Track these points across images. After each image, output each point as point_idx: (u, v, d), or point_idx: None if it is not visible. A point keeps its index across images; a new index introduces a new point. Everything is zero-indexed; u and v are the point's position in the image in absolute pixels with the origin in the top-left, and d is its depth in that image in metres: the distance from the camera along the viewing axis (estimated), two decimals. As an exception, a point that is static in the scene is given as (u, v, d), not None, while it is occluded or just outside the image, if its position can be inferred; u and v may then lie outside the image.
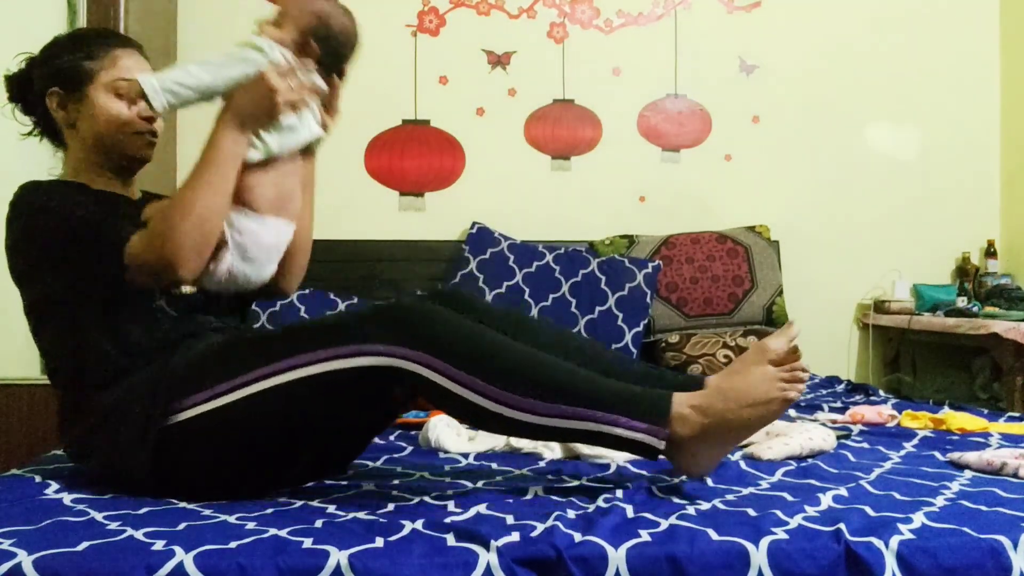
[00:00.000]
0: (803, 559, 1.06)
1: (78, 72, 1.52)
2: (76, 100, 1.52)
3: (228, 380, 1.31)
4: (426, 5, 3.28)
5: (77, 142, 1.54)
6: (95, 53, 1.53)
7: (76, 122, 1.53)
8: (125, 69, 1.53)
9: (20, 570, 0.99)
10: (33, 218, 1.42)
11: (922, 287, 3.37)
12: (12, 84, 1.60)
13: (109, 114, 1.51)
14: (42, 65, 1.55)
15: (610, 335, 2.92)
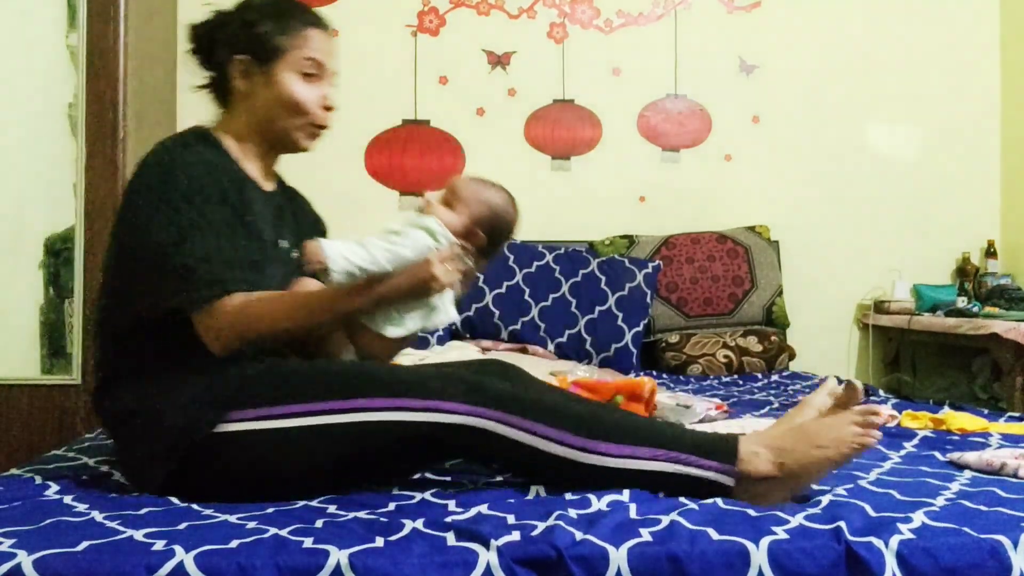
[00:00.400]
0: (804, 558, 1.06)
1: (270, 45, 1.46)
2: (261, 73, 1.47)
3: (286, 404, 1.29)
4: (426, 5, 3.28)
5: (246, 113, 1.49)
6: (290, 27, 1.48)
7: (253, 94, 1.48)
8: (316, 50, 1.49)
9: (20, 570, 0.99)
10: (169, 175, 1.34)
11: (922, 287, 3.37)
12: (197, 37, 1.52)
13: (292, 96, 1.47)
14: (233, 27, 1.49)
15: (610, 335, 2.92)
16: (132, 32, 2.63)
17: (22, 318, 2.65)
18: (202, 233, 1.31)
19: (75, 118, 2.59)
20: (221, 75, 1.51)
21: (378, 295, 1.37)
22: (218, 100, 1.54)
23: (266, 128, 1.49)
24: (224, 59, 1.48)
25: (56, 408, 2.57)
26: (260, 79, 1.47)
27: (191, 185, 1.33)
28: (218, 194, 1.36)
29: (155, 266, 1.32)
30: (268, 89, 1.47)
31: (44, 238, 2.64)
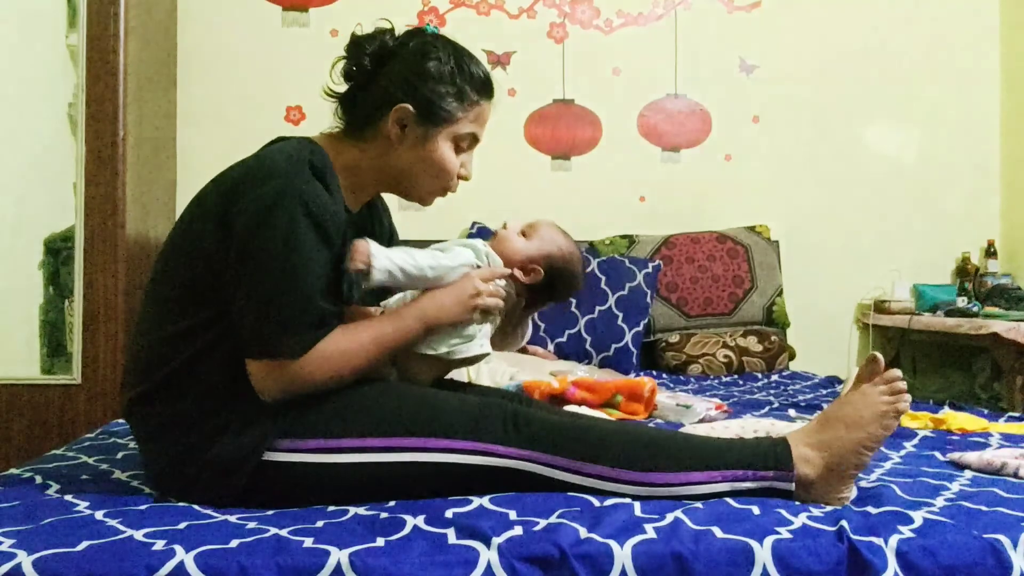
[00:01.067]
0: (807, 557, 1.06)
1: (444, 110, 1.39)
2: (420, 130, 1.39)
3: (336, 438, 1.26)
4: (426, 5, 3.28)
5: (382, 154, 1.41)
6: (467, 97, 1.40)
7: (400, 144, 1.39)
8: (481, 123, 1.44)
9: (20, 570, 0.98)
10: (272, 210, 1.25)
11: (922, 287, 3.37)
12: (362, 53, 1.41)
13: (442, 164, 1.41)
14: (410, 70, 1.38)
15: (610, 335, 2.92)
16: (132, 32, 2.63)
17: (22, 318, 2.65)
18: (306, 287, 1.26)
19: (75, 118, 2.59)
20: (370, 105, 1.40)
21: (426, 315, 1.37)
22: (350, 119, 1.43)
23: (397, 178, 1.43)
24: (384, 95, 1.38)
25: (56, 408, 2.57)
26: (415, 135, 1.39)
27: (301, 225, 1.25)
28: (326, 240, 1.29)
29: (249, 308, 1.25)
30: (419, 147, 1.40)
31: (44, 238, 2.64)
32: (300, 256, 1.25)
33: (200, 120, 3.15)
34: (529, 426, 1.28)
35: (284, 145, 1.36)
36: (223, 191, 1.31)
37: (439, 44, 1.41)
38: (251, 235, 1.25)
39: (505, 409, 1.31)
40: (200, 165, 2.89)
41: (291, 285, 1.25)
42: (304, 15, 3.21)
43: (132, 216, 2.63)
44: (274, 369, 1.26)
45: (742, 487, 1.25)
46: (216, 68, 3.17)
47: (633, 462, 1.25)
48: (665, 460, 1.25)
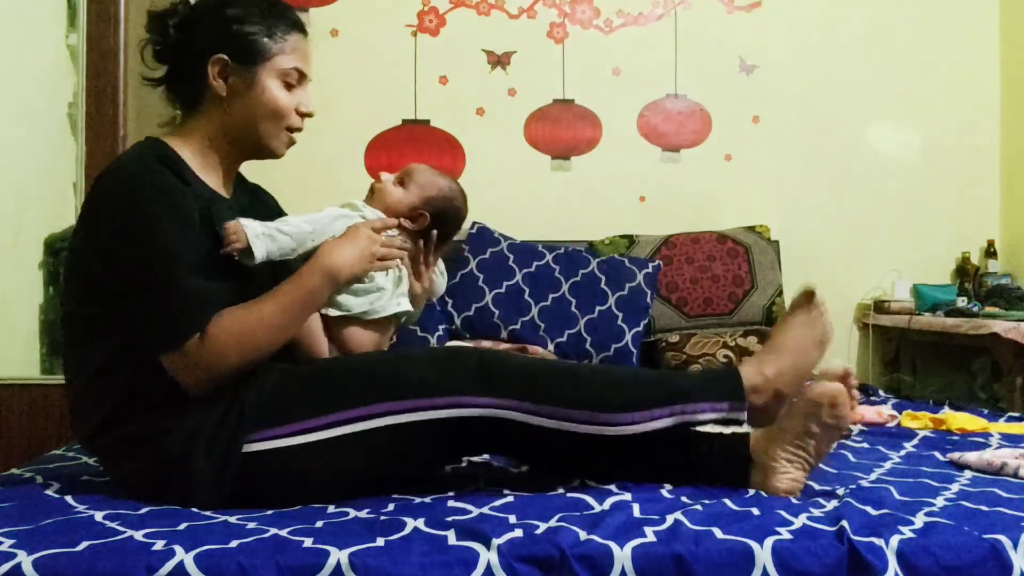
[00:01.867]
0: (807, 558, 1.06)
1: (255, 47, 1.39)
2: (242, 76, 1.39)
3: (307, 419, 1.27)
4: (426, 5, 3.28)
5: (219, 116, 1.41)
6: (277, 31, 1.41)
7: (230, 97, 1.39)
8: (300, 58, 1.44)
9: (20, 570, 0.99)
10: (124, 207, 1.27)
11: (922, 287, 3.37)
12: (162, 25, 1.42)
13: (275, 103, 1.40)
14: (214, 22, 1.40)
15: (610, 335, 2.92)
16: (132, 32, 2.63)
17: (22, 318, 2.65)
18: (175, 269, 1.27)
19: (75, 118, 2.59)
20: (189, 72, 1.41)
21: (319, 265, 1.37)
22: (180, 99, 1.45)
23: (241, 134, 1.42)
24: (198, 55, 1.39)
25: (56, 408, 2.57)
26: (239, 82, 1.39)
27: (160, 218, 1.27)
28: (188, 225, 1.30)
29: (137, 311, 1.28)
30: (247, 93, 1.40)
31: (44, 238, 2.64)
32: (163, 246, 1.27)
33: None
34: (499, 370, 1.30)
35: (125, 153, 1.39)
36: (83, 217, 1.34)
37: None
38: (113, 244, 1.28)
39: (476, 357, 1.32)
40: (200, 165, 2.88)
41: (162, 276, 1.26)
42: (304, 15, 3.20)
43: (132, 216, 2.63)
44: (182, 359, 1.26)
45: (698, 418, 1.33)
46: (216, 68, 3.17)
47: (603, 405, 1.30)
48: (631, 400, 1.31)
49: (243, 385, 1.31)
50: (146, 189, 1.28)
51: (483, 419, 1.28)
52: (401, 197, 1.53)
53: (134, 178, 1.30)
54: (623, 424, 1.29)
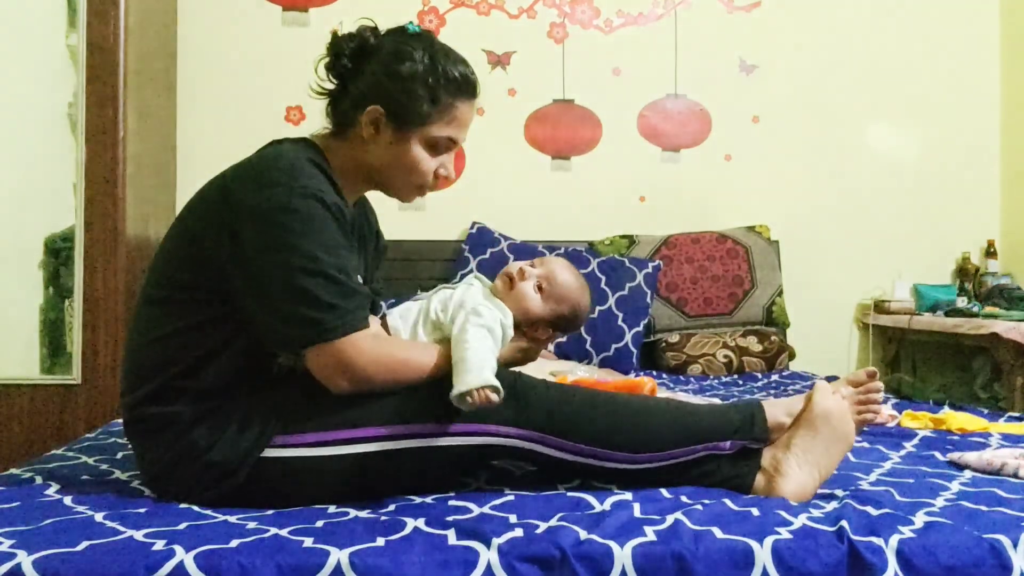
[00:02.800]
0: (807, 557, 1.06)
1: (416, 112, 1.37)
2: (392, 133, 1.38)
3: (336, 431, 1.27)
4: (426, 5, 3.28)
5: (360, 154, 1.40)
6: (442, 99, 1.38)
7: (375, 145, 1.39)
8: (458, 128, 1.41)
9: (20, 570, 0.99)
10: (283, 211, 1.24)
11: (922, 287, 3.37)
12: (339, 52, 1.40)
13: (414, 165, 1.40)
14: (383, 71, 1.37)
15: (610, 335, 2.92)
16: (132, 32, 2.63)
17: (22, 318, 2.65)
18: (338, 271, 1.26)
19: (75, 118, 2.59)
20: (348, 102, 1.40)
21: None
22: (335, 118, 1.44)
23: (374, 175, 1.43)
24: (358, 96, 1.38)
25: (56, 408, 2.57)
26: (388, 138, 1.38)
27: (321, 225, 1.26)
28: (342, 235, 1.30)
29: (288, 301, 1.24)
30: (392, 148, 1.39)
31: (44, 238, 2.64)
32: (323, 246, 1.25)
33: (200, 120, 3.15)
34: (528, 402, 1.30)
35: (282, 148, 1.36)
36: (224, 196, 1.31)
37: (416, 44, 1.39)
38: (271, 235, 1.25)
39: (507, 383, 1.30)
40: (200, 165, 2.88)
41: (323, 273, 1.24)
42: (304, 15, 3.21)
43: (132, 216, 2.63)
44: (332, 355, 1.25)
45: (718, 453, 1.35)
46: (216, 68, 3.17)
47: (627, 445, 1.31)
48: (655, 441, 1.32)
49: (276, 387, 1.31)
50: (303, 188, 1.27)
51: (511, 448, 1.30)
52: (536, 311, 1.49)
53: (292, 178, 1.27)
54: (643, 463, 1.32)
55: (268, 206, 1.25)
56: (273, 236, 1.25)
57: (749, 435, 1.36)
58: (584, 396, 1.36)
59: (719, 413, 1.38)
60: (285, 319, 1.25)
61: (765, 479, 1.34)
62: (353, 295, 1.27)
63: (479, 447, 1.29)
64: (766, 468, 1.35)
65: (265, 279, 1.25)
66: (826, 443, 1.35)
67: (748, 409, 1.39)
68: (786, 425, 1.39)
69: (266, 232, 1.25)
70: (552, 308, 1.51)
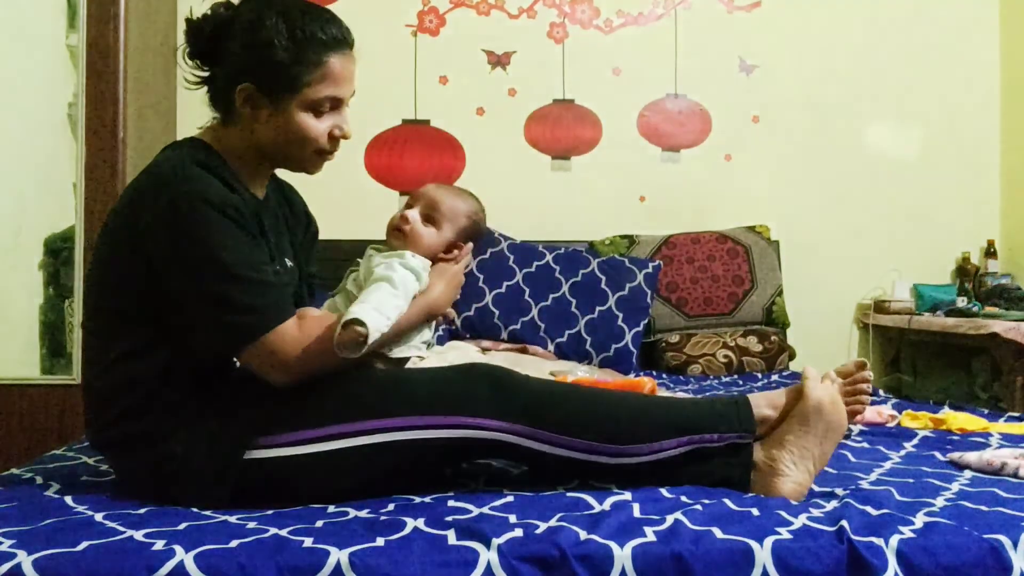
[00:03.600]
0: (807, 557, 1.06)
1: (285, 78, 1.32)
2: (269, 106, 1.34)
3: (314, 428, 1.26)
4: (426, 5, 3.28)
5: (249, 133, 1.37)
6: (308, 56, 1.32)
7: (257, 122, 1.35)
8: (336, 83, 1.36)
9: (20, 570, 0.99)
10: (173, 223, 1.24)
11: (922, 287, 3.37)
12: (196, 34, 1.36)
13: (302, 132, 1.35)
14: (242, 45, 1.32)
15: (610, 335, 2.92)
16: (132, 32, 2.63)
17: (22, 318, 2.65)
18: (247, 269, 1.26)
19: (75, 118, 2.59)
20: (220, 89, 1.37)
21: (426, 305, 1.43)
22: (215, 106, 1.40)
23: (270, 153, 1.39)
24: (226, 79, 1.35)
25: (56, 408, 2.57)
26: (266, 111, 1.34)
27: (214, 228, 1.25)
28: (238, 231, 1.28)
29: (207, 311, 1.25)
30: (275, 121, 1.35)
31: (44, 238, 2.64)
32: (222, 248, 1.25)
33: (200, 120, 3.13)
34: (514, 396, 1.29)
35: (169, 153, 1.37)
36: (123, 215, 1.32)
37: (269, 7, 1.34)
38: (171, 249, 1.26)
39: (491, 376, 1.31)
40: (200, 165, 2.88)
41: (228, 275, 1.25)
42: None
43: (132, 216, 2.63)
44: (261, 353, 1.26)
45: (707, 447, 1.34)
46: (216, 68, 3.16)
47: (612, 437, 1.30)
48: (641, 431, 1.31)
49: (252, 388, 1.30)
50: (191, 192, 1.26)
51: (491, 441, 1.28)
52: (437, 239, 1.51)
53: (178, 182, 1.27)
54: (629, 456, 1.30)
55: (159, 221, 1.26)
56: (172, 250, 1.26)
57: (735, 426, 1.35)
58: (566, 388, 1.37)
59: (704, 405, 1.39)
60: (206, 328, 1.27)
61: (761, 478, 1.34)
62: (266, 289, 1.27)
63: (461, 440, 1.27)
64: (761, 467, 1.34)
65: (177, 293, 1.27)
66: (820, 436, 1.34)
67: (731, 401, 1.40)
68: (770, 418, 1.38)
69: (164, 247, 1.26)
70: (451, 228, 1.52)
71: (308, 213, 1.64)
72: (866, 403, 1.46)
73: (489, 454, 1.36)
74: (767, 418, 1.38)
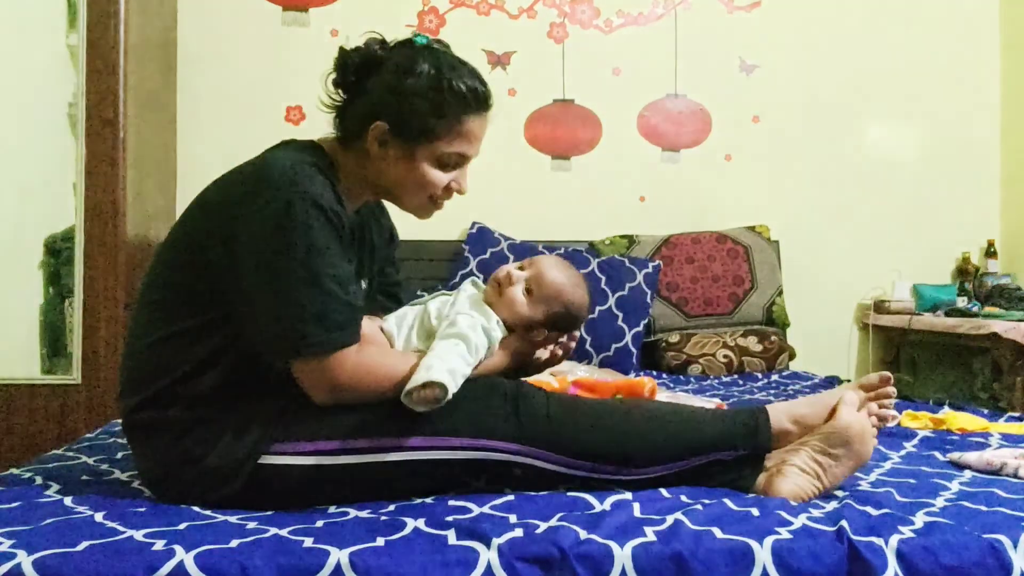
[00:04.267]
0: (807, 557, 1.06)
1: (420, 128, 1.34)
2: (399, 149, 1.35)
3: (332, 440, 1.26)
4: (426, 5, 3.28)
5: (368, 169, 1.39)
6: (449, 112, 1.34)
7: (383, 161, 1.37)
8: (467, 143, 1.38)
9: (20, 570, 0.99)
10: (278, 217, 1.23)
11: (922, 287, 3.37)
12: (346, 67, 1.38)
13: (423, 180, 1.37)
14: (387, 87, 1.34)
15: (610, 335, 2.92)
16: (132, 32, 2.63)
17: (22, 318, 2.65)
18: (335, 283, 1.25)
19: (75, 118, 2.59)
20: (354, 117, 1.38)
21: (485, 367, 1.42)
22: (341, 129, 1.41)
23: (384, 189, 1.41)
24: (363, 113, 1.36)
25: (56, 408, 2.57)
26: (395, 154, 1.36)
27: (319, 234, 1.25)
28: (339, 244, 1.28)
29: (282, 309, 1.24)
30: (400, 164, 1.37)
31: (44, 238, 2.64)
32: (319, 255, 1.24)
33: (200, 120, 3.15)
34: (533, 417, 1.29)
35: (287, 150, 1.35)
36: (226, 199, 1.31)
37: (422, 57, 1.36)
38: (266, 242, 1.24)
39: (510, 396, 1.30)
40: (200, 165, 2.88)
41: (316, 283, 1.24)
42: (304, 15, 3.21)
43: (132, 217, 2.63)
44: (316, 369, 1.25)
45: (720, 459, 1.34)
46: (216, 68, 3.16)
47: (630, 460, 1.30)
48: (659, 454, 1.31)
49: (276, 393, 1.30)
50: (304, 193, 1.25)
51: (508, 462, 1.29)
52: (527, 314, 1.48)
53: (293, 182, 1.26)
54: (643, 475, 1.31)
55: (264, 212, 1.25)
56: (268, 243, 1.24)
57: (753, 445, 1.35)
58: (584, 409, 1.34)
59: (725, 422, 1.36)
60: (274, 329, 1.26)
61: (765, 477, 1.34)
62: (344, 308, 1.26)
63: (478, 461, 1.28)
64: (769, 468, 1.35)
65: (258, 287, 1.25)
66: (839, 459, 1.33)
67: (753, 417, 1.37)
68: (791, 432, 1.37)
69: (261, 239, 1.25)
70: (544, 309, 1.48)
71: (392, 226, 1.65)
72: (887, 419, 1.43)
73: (504, 472, 1.32)
74: (788, 432, 1.37)
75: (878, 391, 1.43)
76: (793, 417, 1.38)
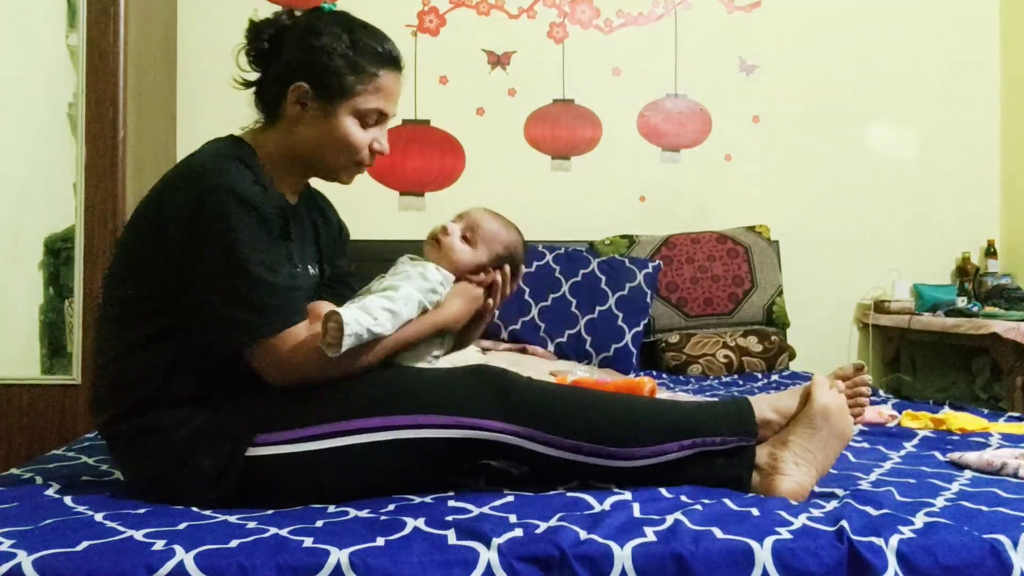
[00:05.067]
0: (807, 557, 1.06)
1: (337, 84, 1.37)
2: (319, 107, 1.38)
3: (314, 425, 1.27)
4: (426, 5, 3.28)
5: (290, 137, 1.41)
6: (364, 68, 1.38)
7: (304, 123, 1.40)
8: (384, 98, 1.41)
9: (20, 570, 0.99)
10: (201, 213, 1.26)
11: (922, 287, 3.37)
12: (257, 36, 1.41)
13: (346, 139, 1.40)
14: (301, 46, 1.39)
15: (610, 335, 2.92)
16: (132, 32, 2.63)
17: (22, 318, 2.65)
18: (262, 268, 1.27)
19: (75, 118, 2.59)
20: (271, 88, 1.41)
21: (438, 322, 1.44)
22: (260, 106, 1.44)
23: (308, 156, 1.43)
24: (281, 77, 1.39)
25: (56, 408, 2.57)
26: (315, 112, 1.39)
27: (237, 222, 1.27)
28: (262, 229, 1.29)
29: (215, 302, 1.27)
30: (321, 124, 1.39)
31: (44, 238, 2.64)
32: (240, 243, 1.26)
33: (200, 120, 3.15)
34: (516, 398, 1.30)
35: (208, 146, 1.39)
36: (152, 202, 1.34)
37: (332, 19, 1.41)
38: (192, 237, 1.27)
39: (495, 378, 1.32)
40: (200, 165, 2.88)
41: (243, 272, 1.26)
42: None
43: (132, 216, 2.63)
44: (261, 353, 1.28)
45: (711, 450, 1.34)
46: (216, 68, 3.16)
47: (614, 439, 1.30)
48: (643, 435, 1.31)
49: (254, 385, 1.31)
50: (223, 185, 1.28)
51: (493, 442, 1.29)
52: (469, 258, 1.53)
53: (212, 174, 1.29)
54: (631, 459, 1.31)
55: (182, 212, 1.28)
56: (196, 240, 1.27)
57: (738, 429, 1.35)
58: (569, 391, 1.38)
59: (706, 408, 1.39)
60: (216, 321, 1.28)
61: (762, 477, 1.34)
62: (275, 290, 1.28)
63: (466, 441, 1.28)
64: (763, 466, 1.35)
65: (191, 284, 1.28)
66: (824, 440, 1.35)
67: (735, 404, 1.40)
68: (773, 421, 1.38)
69: (189, 237, 1.28)
70: (486, 251, 1.53)
71: (341, 221, 1.67)
72: (865, 405, 1.47)
73: (491, 455, 1.35)
74: (770, 421, 1.38)
75: (853, 380, 1.46)
76: (774, 407, 1.40)
